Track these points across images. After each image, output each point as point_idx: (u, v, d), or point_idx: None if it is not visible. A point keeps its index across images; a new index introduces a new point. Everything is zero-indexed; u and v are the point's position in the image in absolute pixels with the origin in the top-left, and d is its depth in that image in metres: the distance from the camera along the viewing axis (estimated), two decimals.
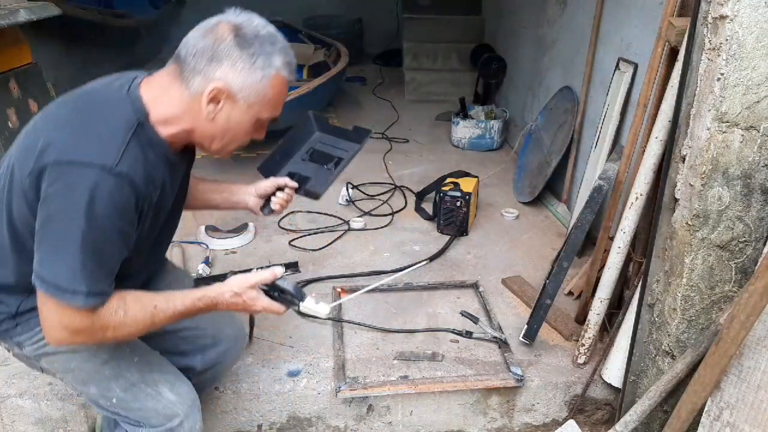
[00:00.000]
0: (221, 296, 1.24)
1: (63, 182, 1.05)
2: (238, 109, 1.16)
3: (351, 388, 1.79)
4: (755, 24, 1.24)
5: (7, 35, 2.19)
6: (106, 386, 1.33)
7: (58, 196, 1.05)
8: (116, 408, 1.35)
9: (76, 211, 1.04)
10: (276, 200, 1.58)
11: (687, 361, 1.46)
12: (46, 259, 1.08)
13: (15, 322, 1.27)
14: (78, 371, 1.32)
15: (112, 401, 1.34)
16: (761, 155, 1.33)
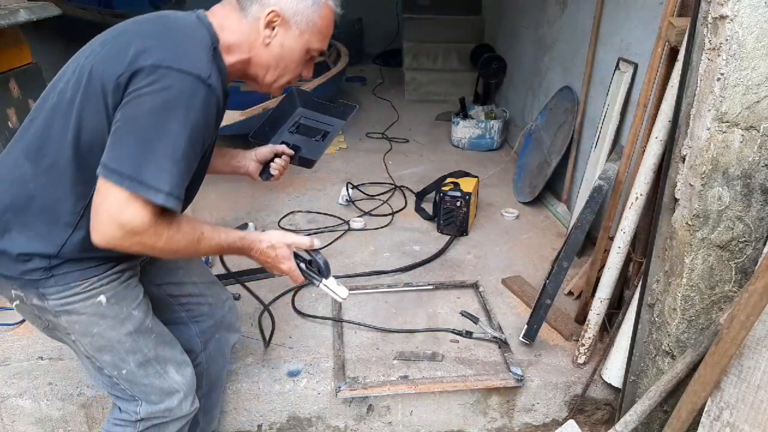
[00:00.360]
0: (258, 243, 1.28)
1: (162, 83, 1.05)
2: (291, 36, 1.21)
3: (351, 388, 1.79)
4: (755, 24, 1.24)
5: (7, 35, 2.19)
6: (122, 357, 1.31)
7: (157, 95, 1.05)
8: (120, 380, 1.33)
9: (174, 113, 1.05)
10: (274, 166, 1.61)
11: (687, 361, 1.45)
12: (129, 152, 1.05)
13: (50, 273, 1.20)
14: (98, 337, 1.28)
15: (121, 372, 1.32)
16: (761, 155, 1.33)
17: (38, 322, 1.30)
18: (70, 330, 1.28)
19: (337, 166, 3.70)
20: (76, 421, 1.82)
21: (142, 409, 1.35)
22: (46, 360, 1.92)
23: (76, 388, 1.81)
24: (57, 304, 1.24)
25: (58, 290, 1.22)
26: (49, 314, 1.25)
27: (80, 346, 1.30)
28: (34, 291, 1.22)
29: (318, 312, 2.18)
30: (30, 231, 1.18)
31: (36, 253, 1.19)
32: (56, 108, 1.15)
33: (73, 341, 1.29)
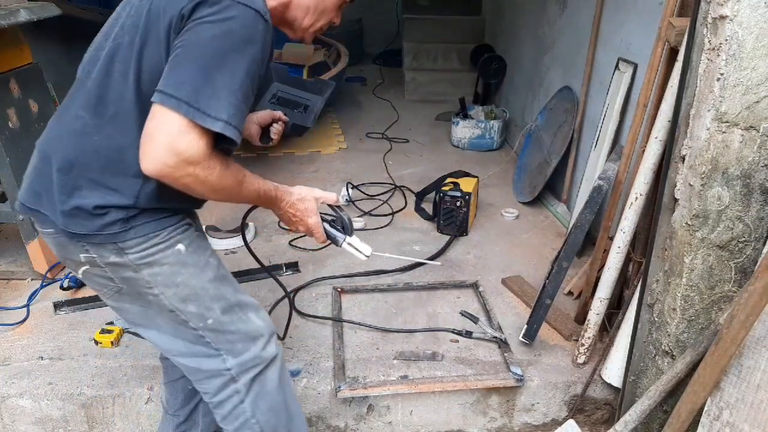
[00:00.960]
0: (289, 195, 1.33)
1: (226, 14, 1.04)
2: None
3: (351, 387, 1.79)
4: (755, 24, 1.24)
5: (7, 35, 2.19)
6: (207, 305, 1.27)
7: (219, 24, 1.04)
8: (207, 331, 1.28)
9: (235, 44, 1.04)
10: (273, 130, 1.63)
11: (687, 361, 1.46)
12: (188, 78, 1.02)
13: (128, 225, 1.16)
14: (182, 287, 1.24)
15: (207, 322, 1.27)
16: (761, 155, 1.33)
17: (109, 286, 1.24)
18: (152, 283, 1.22)
19: (337, 166, 3.71)
20: (76, 420, 1.82)
21: (230, 361, 1.31)
22: (47, 360, 1.92)
23: (77, 387, 1.81)
24: (138, 257, 1.20)
25: (138, 242, 1.18)
26: (129, 270, 1.20)
27: (164, 300, 1.24)
28: (111, 247, 1.17)
29: (318, 312, 2.18)
30: (101, 186, 1.15)
31: (113, 205, 1.15)
32: (114, 54, 1.13)
33: (156, 295, 1.23)
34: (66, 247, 1.21)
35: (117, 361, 1.91)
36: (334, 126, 4.50)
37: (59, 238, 1.20)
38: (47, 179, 1.17)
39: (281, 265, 2.46)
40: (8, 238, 2.67)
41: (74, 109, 1.17)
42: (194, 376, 1.35)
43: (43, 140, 1.22)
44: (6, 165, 2.17)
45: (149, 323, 1.31)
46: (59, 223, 1.16)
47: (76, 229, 1.16)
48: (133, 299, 1.26)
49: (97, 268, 1.21)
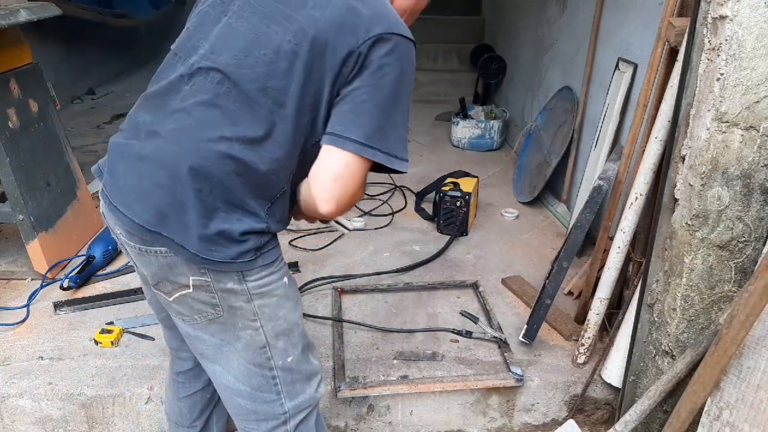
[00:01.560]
0: None
1: (398, 53, 1.07)
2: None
3: (351, 387, 1.79)
4: (755, 24, 1.24)
5: (7, 35, 2.19)
6: (294, 342, 1.24)
7: (395, 65, 1.07)
8: (279, 371, 1.24)
9: (408, 80, 1.10)
10: None
11: (687, 361, 1.46)
12: (376, 125, 1.07)
13: (259, 252, 1.12)
14: (282, 321, 1.21)
15: (287, 360, 1.24)
16: (761, 155, 1.33)
17: (205, 313, 1.16)
18: (258, 315, 1.17)
19: None
20: (76, 421, 1.82)
21: (287, 404, 1.27)
22: (47, 360, 1.92)
23: (77, 388, 1.81)
24: (256, 286, 1.14)
25: (260, 270, 1.14)
26: (241, 299, 1.14)
27: (262, 334, 1.19)
28: (234, 274, 1.11)
29: (318, 312, 2.18)
30: (239, 209, 1.09)
31: (254, 231, 1.10)
32: (264, 78, 1.08)
33: (256, 329, 1.18)
34: (175, 269, 1.11)
35: (117, 361, 1.91)
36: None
37: (171, 259, 1.09)
38: (178, 200, 1.06)
39: None
40: (8, 238, 2.67)
41: (210, 126, 1.08)
42: (246, 417, 1.29)
43: (170, 154, 1.08)
44: (6, 165, 2.17)
45: (219, 358, 1.23)
46: (191, 248, 1.07)
47: (213, 256, 1.07)
48: (221, 330, 1.18)
49: (203, 292, 1.13)
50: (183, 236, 1.07)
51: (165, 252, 1.09)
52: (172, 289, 1.14)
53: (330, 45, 1.06)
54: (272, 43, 1.09)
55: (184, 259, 1.08)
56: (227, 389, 1.27)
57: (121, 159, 1.14)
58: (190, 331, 1.21)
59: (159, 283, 1.15)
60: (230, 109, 1.08)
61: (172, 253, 1.08)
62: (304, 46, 1.06)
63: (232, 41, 1.11)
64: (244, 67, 1.08)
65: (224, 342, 1.19)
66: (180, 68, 1.14)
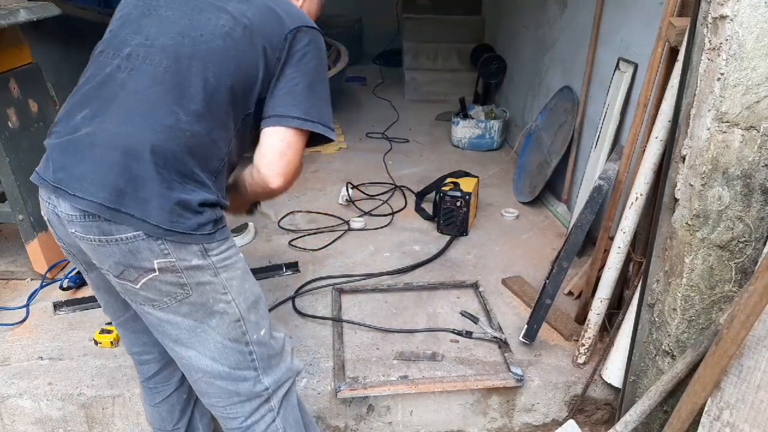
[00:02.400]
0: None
1: (316, 44, 1.27)
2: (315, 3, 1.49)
3: (351, 388, 1.79)
4: (755, 24, 1.24)
5: (7, 35, 2.19)
6: (263, 314, 1.30)
7: (316, 53, 1.27)
8: (254, 345, 1.28)
9: (325, 66, 1.31)
10: None
11: (687, 361, 1.45)
12: (314, 103, 1.27)
13: (217, 225, 1.19)
14: (249, 293, 1.26)
15: (260, 333, 1.29)
16: (761, 155, 1.33)
17: (174, 294, 1.18)
18: (227, 288, 1.22)
19: (337, 166, 3.71)
20: (76, 421, 1.82)
21: (266, 380, 1.31)
22: (46, 360, 1.92)
23: (76, 388, 1.81)
24: (219, 259, 1.20)
25: (219, 243, 1.20)
26: (208, 273, 1.18)
27: (235, 307, 1.23)
28: (197, 249, 1.16)
29: (318, 312, 2.18)
30: (191, 180, 1.16)
31: (209, 203, 1.18)
32: (201, 56, 1.18)
33: (228, 302, 1.22)
34: (138, 254, 1.13)
35: (117, 361, 1.91)
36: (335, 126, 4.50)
37: (133, 244, 1.12)
38: (135, 175, 1.11)
39: (281, 265, 2.46)
40: (8, 238, 2.67)
41: (158, 101, 1.15)
42: (229, 399, 1.30)
43: (122, 135, 1.13)
44: (6, 165, 2.17)
45: (194, 342, 1.24)
46: (153, 220, 1.10)
47: (174, 227, 1.12)
48: (193, 310, 1.21)
49: (169, 274, 1.16)
50: (143, 210, 1.11)
51: (126, 239, 1.12)
52: (138, 275, 1.16)
53: (260, 32, 1.22)
54: (207, 26, 1.21)
55: (146, 239, 1.12)
56: (205, 374, 1.28)
57: (71, 153, 1.16)
58: (161, 315, 1.22)
59: (123, 272, 1.17)
60: (173, 84, 1.17)
61: (133, 235, 1.11)
62: (237, 30, 1.21)
63: (167, 27, 1.22)
64: (182, 46, 1.19)
65: (198, 322, 1.22)
66: (112, 62, 1.21)
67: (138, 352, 1.49)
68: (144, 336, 1.43)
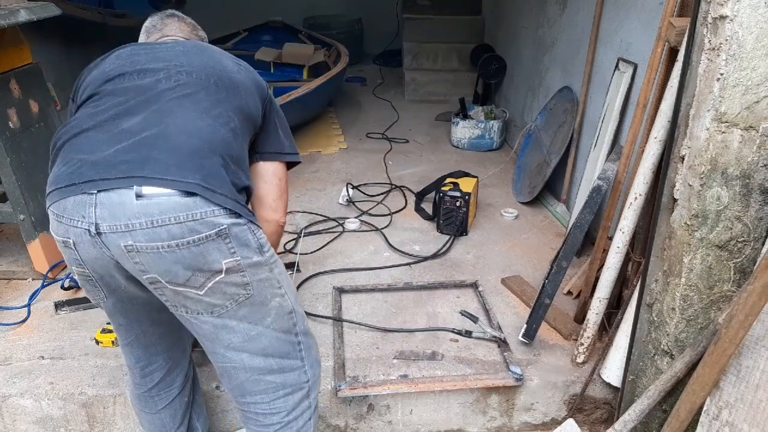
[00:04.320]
0: None
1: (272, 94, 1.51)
2: None
3: (351, 387, 1.80)
4: (755, 24, 1.24)
5: (7, 35, 2.19)
6: (296, 299, 1.37)
7: (274, 101, 1.51)
8: (302, 335, 1.37)
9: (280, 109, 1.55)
10: None
11: (686, 361, 1.46)
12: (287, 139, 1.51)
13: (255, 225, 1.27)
14: (292, 287, 1.36)
15: (304, 324, 1.38)
16: (760, 155, 1.33)
17: (238, 296, 1.23)
18: (281, 282, 1.30)
19: (337, 166, 3.71)
20: (77, 420, 1.83)
21: (309, 372, 1.39)
22: (48, 359, 1.93)
23: (77, 387, 1.81)
24: (270, 255, 1.28)
25: (264, 240, 1.28)
26: (266, 269, 1.26)
27: (288, 299, 1.32)
28: (255, 245, 1.23)
29: (318, 311, 2.19)
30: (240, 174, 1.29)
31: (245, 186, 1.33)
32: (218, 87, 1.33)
33: (283, 295, 1.30)
34: (208, 255, 1.17)
35: (118, 360, 1.92)
36: (334, 126, 4.50)
37: (205, 245, 1.16)
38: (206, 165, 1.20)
39: None
40: (9, 238, 2.68)
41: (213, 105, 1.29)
42: (275, 393, 1.35)
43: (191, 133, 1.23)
44: (7, 165, 2.17)
45: (247, 345, 1.29)
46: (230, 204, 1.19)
47: (234, 206, 1.19)
48: (251, 312, 1.26)
49: (234, 274, 1.20)
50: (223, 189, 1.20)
51: (196, 241, 1.15)
52: (205, 279, 1.18)
53: (254, 89, 1.42)
54: (223, 69, 1.37)
55: (216, 239, 1.16)
56: (255, 372, 1.32)
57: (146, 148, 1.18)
58: (219, 322, 1.25)
59: (190, 279, 1.18)
60: (219, 96, 1.32)
61: (205, 235, 1.15)
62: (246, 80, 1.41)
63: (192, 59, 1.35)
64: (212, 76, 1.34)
65: (253, 324, 1.27)
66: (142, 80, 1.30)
67: (144, 364, 1.49)
68: (155, 347, 1.46)
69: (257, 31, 5.68)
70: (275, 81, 4.42)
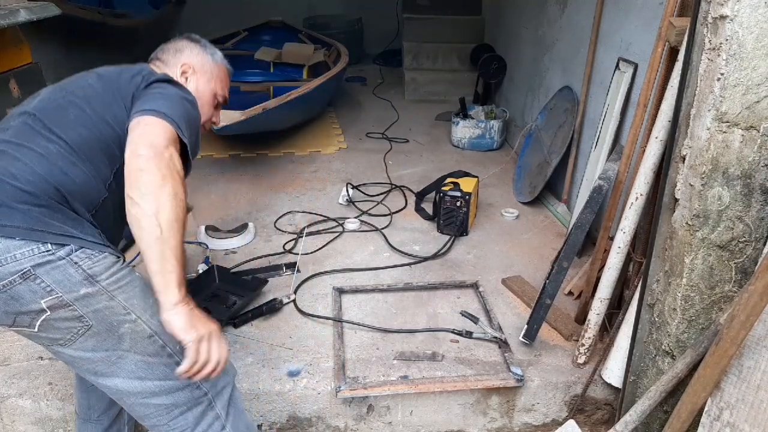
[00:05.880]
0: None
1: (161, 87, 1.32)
2: (203, 78, 1.52)
3: (351, 388, 1.79)
4: (755, 24, 1.24)
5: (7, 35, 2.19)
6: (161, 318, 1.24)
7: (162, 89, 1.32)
8: (178, 355, 1.22)
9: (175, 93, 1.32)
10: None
11: (687, 361, 1.46)
12: (161, 103, 1.25)
13: (84, 250, 1.15)
14: (156, 307, 1.16)
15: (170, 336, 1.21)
16: (761, 155, 1.33)
17: (74, 330, 1.15)
18: (129, 308, 1.18)
19: (337, 166, 3.71)
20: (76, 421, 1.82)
21: (204, 385, 1.27)
22: (46, 360, 1.92)
23: None
24: (111, 282, 1.16)
25: (106, 266, 1.16)
26: (102, 298, 1.15)
27: (143, 324, 1.19)
28: (79, 275, 1.12)
29: (318, 312, 2.18)
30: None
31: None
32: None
33: (133, 321, 1.18)
34: (21, 299, 1.11)
35: None
36: (334, 126, 4.50)
37: (12, 290, 1.10)
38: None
39: (281, 265, 2.46)
40: None
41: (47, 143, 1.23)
42: (169, 414, 1.26)
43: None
44: None
45: (114, 369, 1.21)
46: (15, 234, 1.10)
47: (36, 237, 1.10)
48: (100, 340, 1.18)
49: (61, 310, 1.13)
50: (7, 216, 1.11)
51: (2, 287, 1.09)
52: (31, 319, 1.13)
53: (120, 94, 1.33)
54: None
55: (23, 282, 1.09)
56: (138, 396, 1.24)
57: None
58: (72, 353, 1.19)
59: (16, 321, 1.15)
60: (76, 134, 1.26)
61: (9, 281, 1.09)
62: (104, 98, 1.33)
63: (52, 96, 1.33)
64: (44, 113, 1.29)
65: (110, 351, 1.19)
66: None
67: (86, 408, 1.56)
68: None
69: (257, 31, 5.68)
70: (275, 81, 4.42)
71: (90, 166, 1.22)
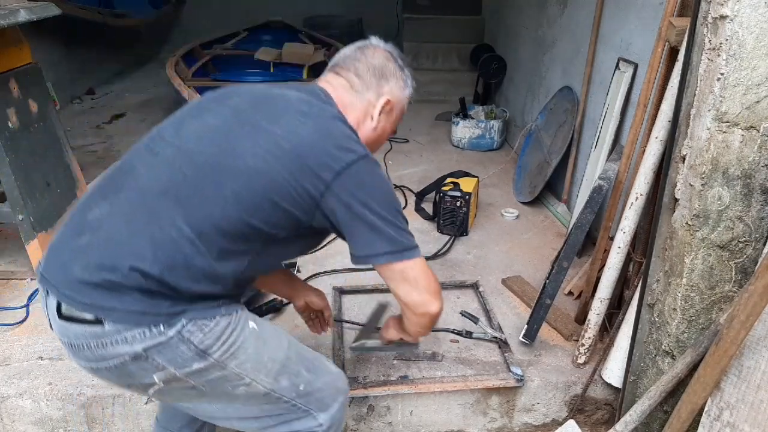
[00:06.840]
0: None
1: (358, 178, 1.14)
2: (391, 119, 1.38)
3: (351, 388, 1.79)
4: (755, 24, 1.24)
5: (7, 35, 2.19)
6: (296, 372, 1.24)
7: (363, 186, 1.16)
8: (299, 399, 1.24)
9: (384, 184, 1.20)
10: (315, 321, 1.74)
11: (687, 361, 1.45)
12: (392, 232, 1.24)
13: (196, 323, 1.10)
14: (271, 363, 1.19)
15: (299, 389, 1.24)
16: (761, 155, 1.33)
17: (190, 395, 1.16)
18: (243, 374, 1.15)
19: None
20: (76, 421, 1.82)
21: (321, 417, 1.28)
22: (46, 360, 1.92)
23: (76, 388, 1.81)
24: (222, 353, 1.12)
25: (214, 338, 1.11)
26: (214, 370, 1.12)
27: (257, 386, 1.18)
28: (190, 351, 1.08)
29: None
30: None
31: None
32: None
33: (248, 384, 1.17)
34: (134, 374, 1.10)
35: None
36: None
37: (124, 368, 1.08)
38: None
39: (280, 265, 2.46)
40: (8, 238, 2.67)
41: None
42: (278, 419, 1.27)
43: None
44: (6, 165, 2.17)
45: (230, 413, 1.24)
46: (130, 320, 1.06)
47: (148, 321, 1.06)
48: (216, 398, 1.18)
49: (175, 382, 1.11)
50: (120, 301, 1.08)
51: (113, 366, 1.09)
52: (144, 389, 1.13)
53: (286, 185, 1.20)
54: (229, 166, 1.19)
55: (133, 361, 1.07)
56: (255, 429, 1.28)
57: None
58: (189, 405, 1.23)
59: (131, 388, 1.17)
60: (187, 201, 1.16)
61: (124, 362, 1.08)
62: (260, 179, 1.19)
63: (208, 144, 1.18)
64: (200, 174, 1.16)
65: (226, 404, 1.21)
66: (137, 161, 1.20)
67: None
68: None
69: (257, 31, 5.68)
70: (275, 81, 4.42)
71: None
